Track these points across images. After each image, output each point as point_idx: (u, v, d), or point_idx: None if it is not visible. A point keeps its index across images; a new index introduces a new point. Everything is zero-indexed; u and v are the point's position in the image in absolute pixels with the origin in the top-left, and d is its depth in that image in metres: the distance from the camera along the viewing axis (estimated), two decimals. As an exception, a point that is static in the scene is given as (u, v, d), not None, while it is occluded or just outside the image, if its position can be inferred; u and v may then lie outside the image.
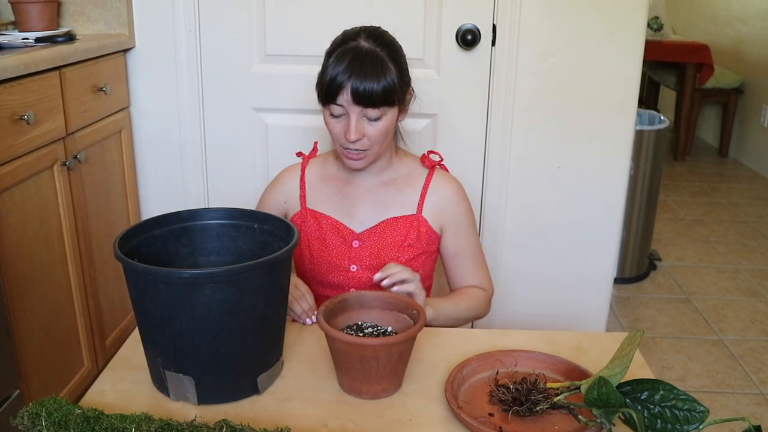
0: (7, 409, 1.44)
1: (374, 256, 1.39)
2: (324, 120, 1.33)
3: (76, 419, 0.89)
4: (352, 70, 1.24)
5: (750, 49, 4.85)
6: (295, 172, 1.47)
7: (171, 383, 1.01)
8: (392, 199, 1.41)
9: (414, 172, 1.43)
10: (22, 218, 1.53)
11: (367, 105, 1.25)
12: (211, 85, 2.05)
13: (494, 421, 0.97)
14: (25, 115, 1.49)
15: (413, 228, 1.40)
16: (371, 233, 1.40)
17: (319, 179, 1.45)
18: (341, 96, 1.25)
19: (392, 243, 1.39)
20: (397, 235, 1.40)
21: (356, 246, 1.40)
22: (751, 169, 4.73)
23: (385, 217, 1.40)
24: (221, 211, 1.18)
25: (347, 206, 1.42)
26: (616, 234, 2.10)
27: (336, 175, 1.44)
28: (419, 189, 1.42)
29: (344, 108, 1.27)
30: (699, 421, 0.88)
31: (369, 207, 1.41)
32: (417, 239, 1.40)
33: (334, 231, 1.41)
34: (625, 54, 1.93)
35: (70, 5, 2.01)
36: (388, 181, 1.42)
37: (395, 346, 1.01)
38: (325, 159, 1.47)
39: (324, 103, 1.29)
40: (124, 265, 0.99)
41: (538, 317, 2.16)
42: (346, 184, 1.43)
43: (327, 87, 1.26)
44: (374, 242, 1.40)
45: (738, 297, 2.86)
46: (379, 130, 1.29)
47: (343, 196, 1.42)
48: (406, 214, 1.41)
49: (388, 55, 1.28)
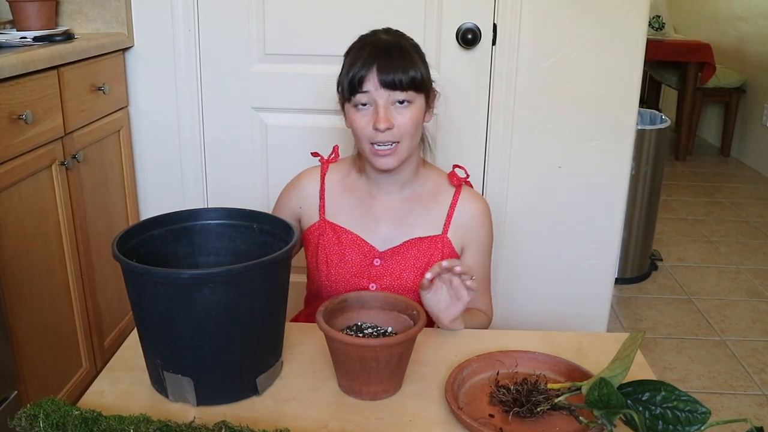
0: (5, 410, 1.44)
1: (395, 276, 1.33)
2: (348, 120, 1.28)
3: (74, 421, 0.88)
4: (376, 56, 1.22)
5: (752, 49, 4.85)
6: (314, 178, 1.40)
7: (170, 384, 1.01)
8: (417, 217, 1.35)
9: (440, 188, 1.37)
10: (21, 218, 1.53)
11: (395, 88, 1.22)
12: (210, 84, 2.05)
13: (495, 422, 0.97)
14: (23, 114, 1.49)
15: (437, 250, 1.34)
16: (394, 253, 1.34)
17: (341, 188, 1.38)
18: (367, 82, 1.21)
19: (415, 264, 1.33)
20: (421, 256, 1.34)
21: (377, 264, 1.34)
22: (752, 168, 4.72)
23: (409, 236, 1.34)
24: (220, 211, 1.17)
25: (370, 222, 1.35)
26: (617, 234, 2.10)
27: (358, 186, 1.37)
28: (446, 208, 1.36)
29: (370, 95, 1.22)
30: (701, 422, 0.87)
31: (392, 224, 1.35)
32: (442, 259, 1.33)
33: (354, 247, 1.35)
34: (627, 53, 1.93)
35: (68, 4, 2.00)
36: (413, 197, 1.36)
37: (395, 347, 1.01)
38: (347, 167, 1.40)
39: (349, 96, 1.24)
40: (123, 266, 0.98)
41: (539, 317, 2.15)
42: (369, 197, 1.36)
43: (351, 76, 1.22)
44: (397, 262, 1.34)
45: (740, 297, 2.85)
46: (409, 118, 1.24)
47: (365, 209, 1.36)
48: (431, 234, 1.35)
49: (412, 45, 1.28)
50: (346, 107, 1.28)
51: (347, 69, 1.24)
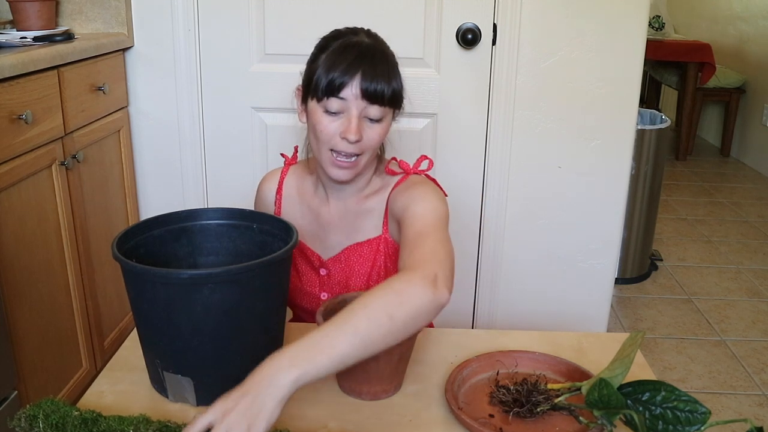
0: (4, 410, 1.43)
1: (342, 284, 1.29)
2: (310, 118, 1.18)
3: (74, 421, 0.88)
4: (362, 63, 1.13)
5: (752, 49, 4.85)
6: (273, 181, 1.36)
7: (170, 384, 1.01)
8: (363, 220, 1.27)
9: (385, 184, 1.27)
10: (21, 218, 1.53)
11: (374, 101, 1.13)
12: (210, 84, 2.05)
13: (494, 422, 0.97)
14: (24, 114, 1.49)
15: (379, 251, 1.26)
16: (336, 261, 1.29)
17: (296, 193, 1.33)
18: (347, 89, 1.12)
19: (360, 270, 1.27)
20: (364, 261, 1.27)
21: (323, 274, 1.30)
22: (753, 168, 4.72)
23: (351, 242, 1.28)
24: (220, 211, 1.17)
25: (319, 230, 1.30)
26: (618, 234, 2.10)
27: (311, 192, 1.32)
28: (383, 205, 1.25)
29: (345, 103, 1.13)
30: (701, 422, 0.87)
31: (341, 231, 1.29)
32: (385, 262, 1.26)
33: (302, 257, 1.31)
34: (627, 53, 1.93)
35: (68, 4, 2.00)
36: (359, 199, 1.27)
37: (395, 347, 1.01)
38: (303, 171, 1.34)
39: (321, 97, 1.14)
40: (122, 266, 0.98)
41: (539, 317, 2.15)
42: (319, 203, 1.30)
43: (330, 79, 1.12)
44: (341, 270, 1.29)
45: (740, 297, 2.85)
46: (378, 134, 1.16)
47: (314, 217, 1.31)
48: (371, 237, 1.27)
49: (391, 53, 1.20)
50: (311, 104, 1.17)
51: (327, 69, 1.14)
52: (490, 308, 2.15)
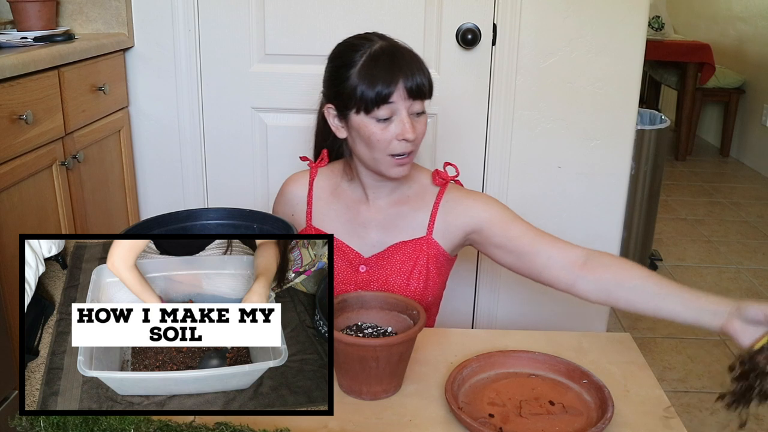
0: (5, 410, 1.43)
1: (382, 281, 1.31)
2: (362, 132, 1.22)
3: (75, 420, 0.89)
4: (399, 66, 1.19)
5: (751, 49, 4.85)
6: (302, 183, 1.39)
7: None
8: (404, 219, 1.33)
9: (426, 189, 1.35)
10: (21, 218, 1.53)
11: (418, 97, 1.20)
12: (210, 84, 2.05)
13: (495, 422, 0.97)
14: (24, 114, 1.49)
15: (423, 252, 1.31)
16: (380, 258, 1.32)
17: (328, 194, 1.36)
18: (395, 94, 1.18)
19: (401, 269, 1.31)
20: (406, 260, 1.31)
21: (363, 271, 1.32)
22: (752, 168, 4.72)
23: (394, 240, 1.32)
24: (220, 211, 1.17)
25: (357, 228, 1.33)
26: (617, 234, 2.10)
27: (348, 193, 1.35)
28: (430, 208, 1.33)
29: (394, 106, 1.19)
30: None
31: (380, 229, 1.33)
32: (427, 264, 1.31)
33: (339, 254, 1.33)
34: (626, 53, 1.93)
35: (68, 4, 2.00)
36: (401, 199, 1.34)
37: (395, 347, 1.01)
38: (336, 174, 1.38)
39: (371, 108, 1.19)
40: (122, 266, 0.98)
41: (539, 317, 2.15)
42: (358, 204, 1.34)
43: (377, 91, 1.17)
44: (383, 267, 1.31)
45: (740, 297, 2.84)
46: (425, 124, 1.24)
47: (353, 216, 1.34)
48: (415, 237, 1.32)
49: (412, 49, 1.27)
50: (357, 118, 1.21)
51: (369, 83, 1.18)
52: (490, 308, 2.15)
